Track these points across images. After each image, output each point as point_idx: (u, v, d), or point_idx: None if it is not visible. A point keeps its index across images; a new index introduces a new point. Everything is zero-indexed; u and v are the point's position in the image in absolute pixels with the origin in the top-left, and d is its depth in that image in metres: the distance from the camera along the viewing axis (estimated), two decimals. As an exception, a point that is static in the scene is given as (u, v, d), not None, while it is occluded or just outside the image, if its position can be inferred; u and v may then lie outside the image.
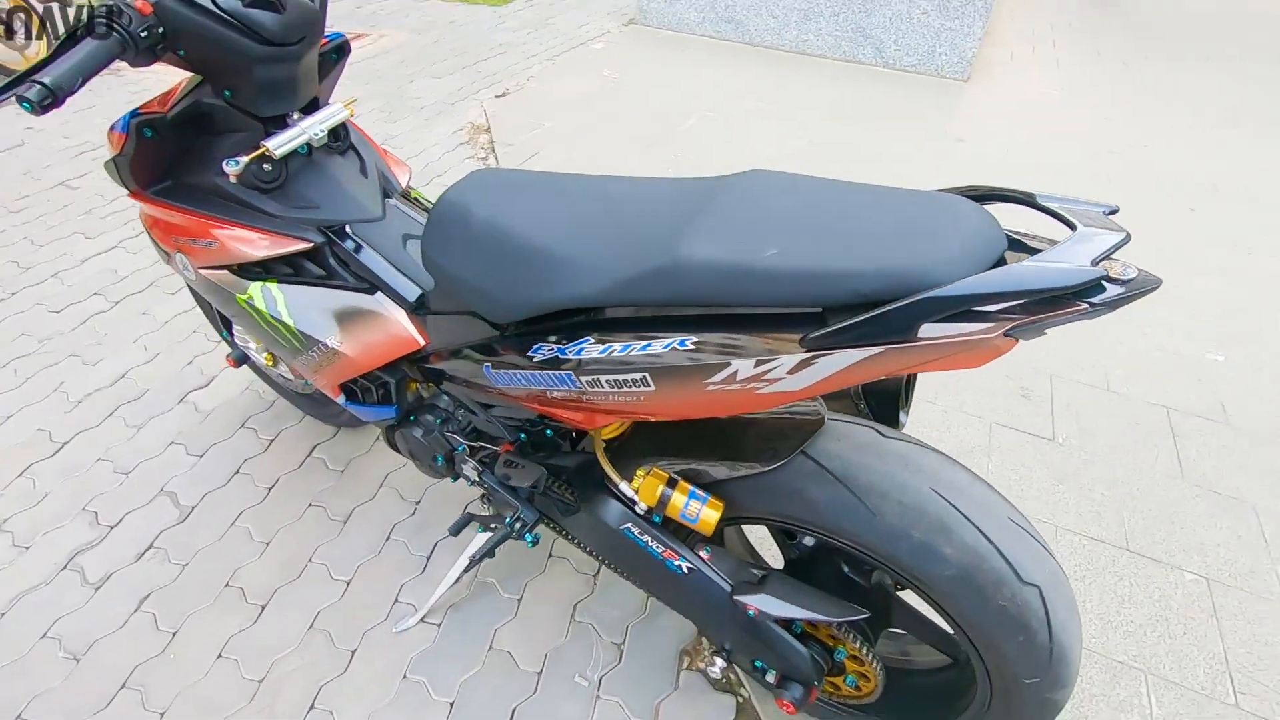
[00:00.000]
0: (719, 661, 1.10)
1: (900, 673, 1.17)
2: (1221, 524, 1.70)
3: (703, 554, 1.01)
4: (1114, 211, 0.65)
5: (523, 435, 1.13)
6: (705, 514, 0.94)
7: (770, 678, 1.05)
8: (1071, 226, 0.64)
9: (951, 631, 0.98)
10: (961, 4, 4.21)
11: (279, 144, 1.10)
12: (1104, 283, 0.60)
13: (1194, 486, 1.79)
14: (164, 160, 1.19)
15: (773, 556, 1.37)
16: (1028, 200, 0.70)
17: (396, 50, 4.66)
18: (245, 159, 1.09)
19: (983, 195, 0.74)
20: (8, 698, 1.31)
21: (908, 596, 1.07)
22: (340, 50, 1.27)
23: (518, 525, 1.17)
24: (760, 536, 1.46)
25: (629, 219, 0.82)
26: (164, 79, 2.22)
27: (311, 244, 1.17)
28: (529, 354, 0.89)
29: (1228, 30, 6.12)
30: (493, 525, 1.29)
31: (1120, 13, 6.45)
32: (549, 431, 1.11)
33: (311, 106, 1.20)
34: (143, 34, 0.92)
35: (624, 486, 0.99)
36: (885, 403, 1.04)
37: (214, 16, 0.98)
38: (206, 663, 1.37)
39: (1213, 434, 1.95)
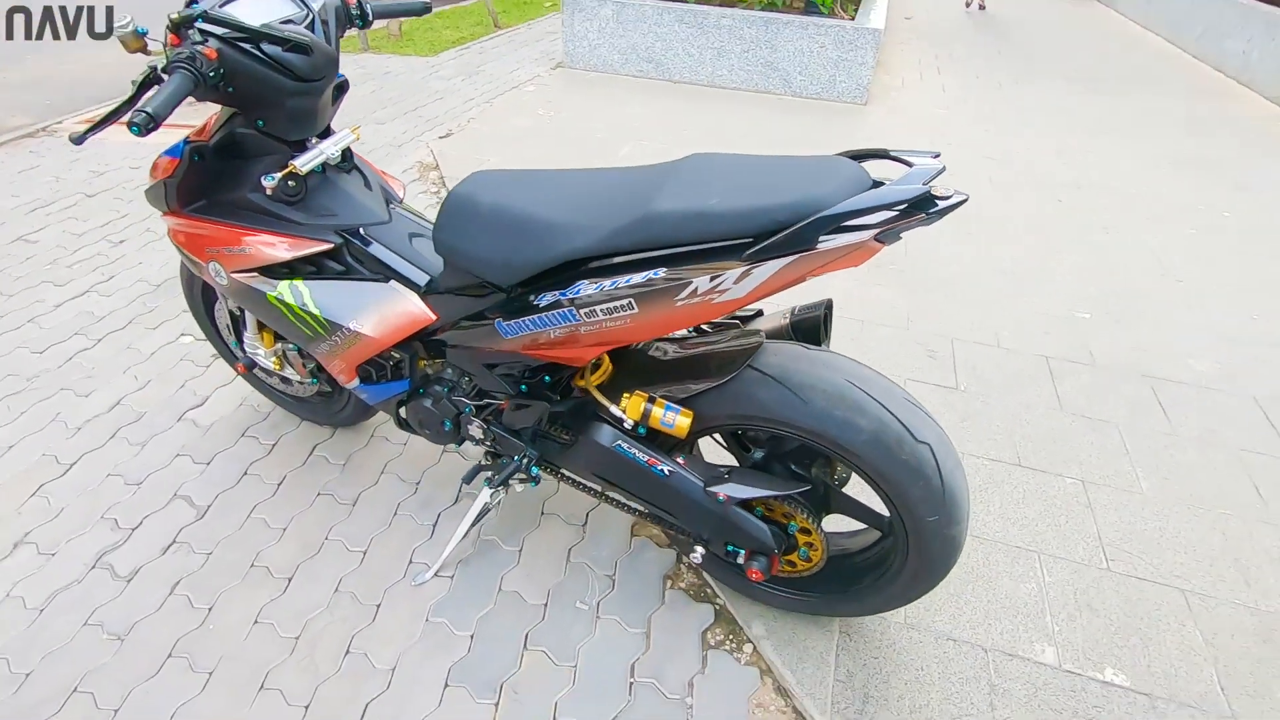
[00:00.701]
0: (699, 549, 1.36)
1: (840, 559, 1.46)
2: (1092, 440, 2.07)
3: (679, 459, 1.28)
4: (938, 155, 0.97)
5: (523, 386, 1.38)
6: (679, 420, 1.20)
7: (740, 559, 1.32)
8: (909, 165, 0.95)
9: (882, 510, 1.27)
10: (854, 37, 4.75)
11: (304, 162, 1.34)
12: (933, 199, 0.91)
13: (1070, 415, 2.17)
14: (203, 182, 1.40)
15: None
16: (883, 154, 1.02)
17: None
18: (279, 175, 1.32)
19: (855, 155, 1.05)
20: (62, 676, 1.43)
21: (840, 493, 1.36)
22: (341, 87, 1.51)
23: (525, 462, 1.40)
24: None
25: (607, 191, 1.10)
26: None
27: (331, 244, 1.40)
28: (535, 302, 1.15)
29: (1085, 55, 6.99)
30: (496, 480, 1.51)
31: (995, 42, 7.26)
32: (547, 378, 1.36)
33: (325, 133, 1.44)
34: (210, 74, 1.15)
35: (614, 409, 1.25)
36: (809, 338, 1.34)
37: (260, 60, 1.22)
38: (244, 629, 1.53)
39: (1083, 374, 2.35)
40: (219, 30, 1.18)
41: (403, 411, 1.58)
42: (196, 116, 1.32)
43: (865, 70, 4.88)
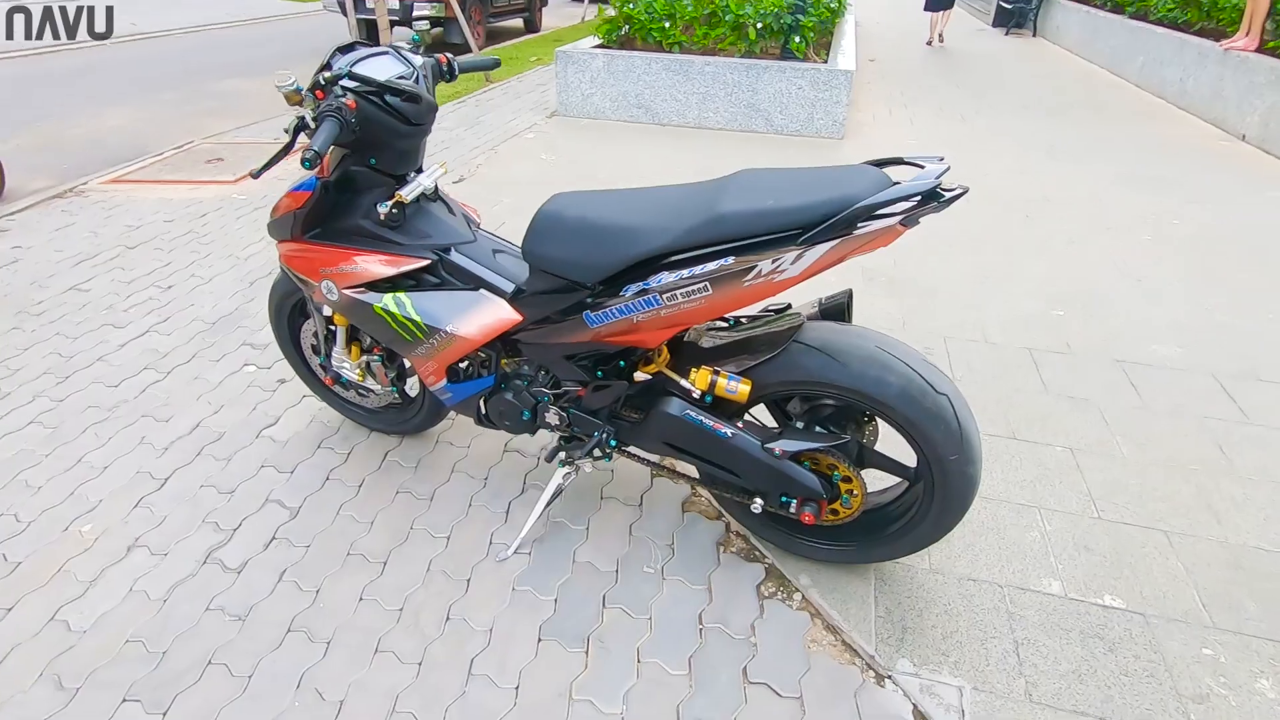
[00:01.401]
0: (758, 501, 1.59)
1: (874, 511, 1.70)
2: (1075, 416, 2.35)
3: (739, 424, 1.52)
4: (943, 159, 1.25)
5: (600, 373, 1.62)
6: (741, 388, 1.45)
7: (793, 507, 1.55)
8: (921, 167, 1.23)
9: (907, 463, 1.51)
10: (829, 79, 5.18)
11: (408, 192, 1.60)
12: (941, 192, 1.18)
13: (1054, 396, 2.45)
14: (322, 212, 1.65)
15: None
16: (898, 160, 1.30)
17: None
18: (389, 203, 1.58)
19: (876, 162, 1.33)
20: (195, 652, 1.61)
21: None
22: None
23: (604, 436, 1.64)
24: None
25: (674, 201, 1.37)
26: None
27: (428, 261, 1.65)
28: (621, 293, 1.40)
29: (1037, 87, 7.54)
30: (574, 456, 1.74)
31: (953, 78, 7.80)
32: (622, 363, 1.60)
33: (418, 169, 1.71)
34: (350, 120, 1.41)
35: (684, 382, 1.50)
36: (836, 320, 1.60)
37: (384, 109, 1.49)
38: (352, 605, 1.72)
39: (1062, 362, 2.65)
40: (355, 85, 1.45)
41: (483, 407, 1.81)
42: (175, 171, 1.55)
43: (840, 108, 5.29)
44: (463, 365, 1.74)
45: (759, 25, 5.41)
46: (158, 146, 5.41)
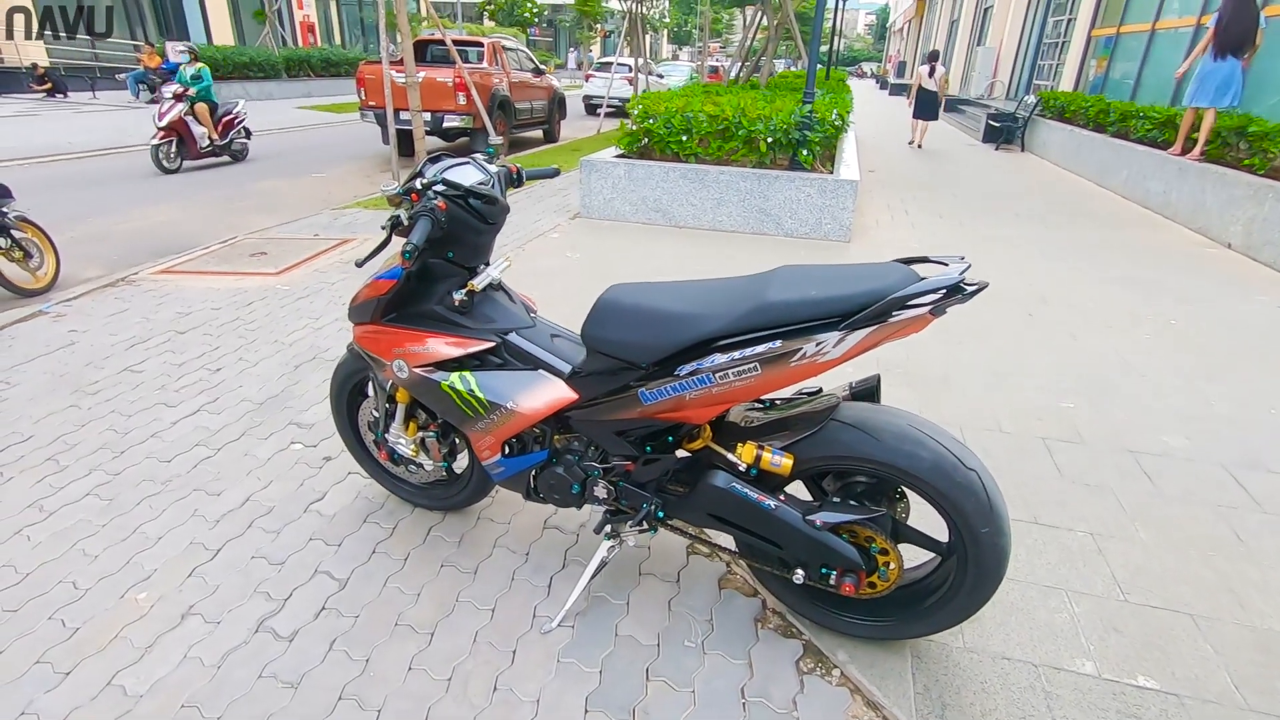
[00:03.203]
0: (799, 571, 1.66)
1: (910, 585, 1.77)
2: (1092, 502, 2.43)
3: (780, 497, 1.63)
4: (964, 258, 1.42)
5: (648, 448, 1.74)
6: (784, 461, 1.57)
7: (833, 579, 1.63)
8: (945, 265, 1.40)
9: (938, 537, 1.61)
10: (835, 187, 5.56)
11: (480, 281, 1.79)
12: (964, 286, 1.35)
13: (1070, 482, 2.55)
14: (400, 299, 1.83)
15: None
16: (924, 259, 1.48)
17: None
18: (463, 291, 1.76)
19: (904, 260, 1.51)
20: (250, 716, 1.64)
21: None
22: None
23: (652, 509, 1.73)
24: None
25: (724, 291, 1.54)
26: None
27: (493, 343, 1.81)
28: (676, 372, 1.54)
29: (1028, 197, 8.00)
30: (621, 530, 1.83)
31: (949, 188, 8.29)
32: (670, 438, 1.73)
33: (486, 261, 1.90)
34: (441, 219, 1.62)
35: (731, 456, 1.62)
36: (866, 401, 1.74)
37: (468, 210, 1.70)
38: (401, 674, 1.76)
39: (1075, 450, 2.75)
40: (444, 190, 1.67)
41: (533, 481, 1.92)
42: (222, 263, 1.74)
43: (847, 214, 5.65)
44: (516, 441, 1.87)
45: (769, 139, 5.87)
46: (202, 240, 5.76)
